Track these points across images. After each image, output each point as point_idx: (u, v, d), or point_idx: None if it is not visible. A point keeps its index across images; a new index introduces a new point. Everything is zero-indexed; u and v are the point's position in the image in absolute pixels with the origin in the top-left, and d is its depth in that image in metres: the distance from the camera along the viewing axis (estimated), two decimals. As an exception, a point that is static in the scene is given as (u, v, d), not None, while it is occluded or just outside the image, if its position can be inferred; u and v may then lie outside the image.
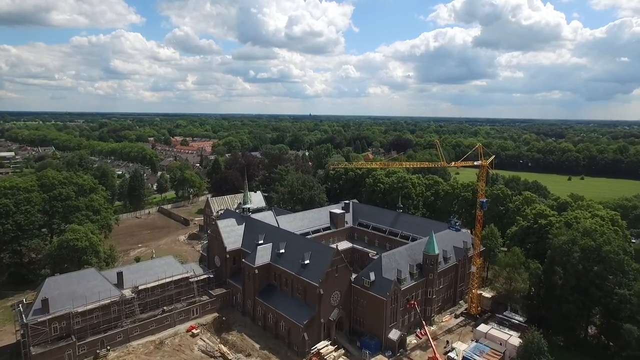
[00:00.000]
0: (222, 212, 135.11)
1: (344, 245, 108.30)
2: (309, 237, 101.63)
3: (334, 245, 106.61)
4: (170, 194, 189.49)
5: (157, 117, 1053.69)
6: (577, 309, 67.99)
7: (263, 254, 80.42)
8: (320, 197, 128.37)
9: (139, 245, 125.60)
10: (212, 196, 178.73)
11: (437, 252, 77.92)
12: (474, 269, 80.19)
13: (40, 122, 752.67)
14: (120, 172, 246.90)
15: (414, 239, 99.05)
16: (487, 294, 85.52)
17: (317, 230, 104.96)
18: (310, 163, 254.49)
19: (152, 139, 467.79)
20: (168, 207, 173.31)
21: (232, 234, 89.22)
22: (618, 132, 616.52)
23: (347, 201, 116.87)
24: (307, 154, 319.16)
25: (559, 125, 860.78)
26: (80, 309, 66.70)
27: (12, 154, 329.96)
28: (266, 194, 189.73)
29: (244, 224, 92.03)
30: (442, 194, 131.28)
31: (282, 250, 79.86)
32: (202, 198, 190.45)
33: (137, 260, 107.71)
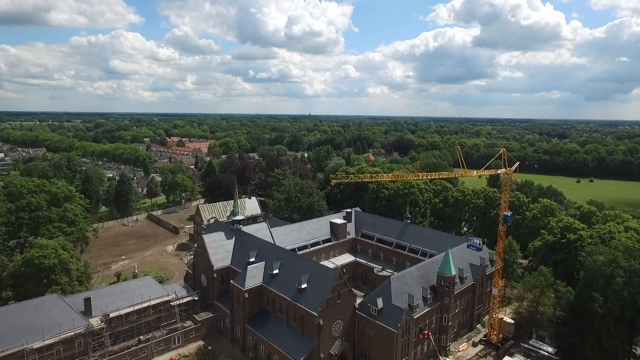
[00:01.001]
0: (213, 220, 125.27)
1: (345, 258, 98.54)
2: (307, 250, 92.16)
3: (335, 260, 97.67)
4: (161, 198, 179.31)
5: (155, 117, 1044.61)
6: (621, 343, 58.03)
7: (254, 275, 70.34)
8: (319, 205, 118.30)
9: (123, 257, 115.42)
10: (205, 201, 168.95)
11: (453, 273, 67.91)
12: (495, 291, 70.12)
13: (37, 122, 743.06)
14: (111, 175, 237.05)
15: (423, 254, 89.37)
16: (509, 318, 75.42)
17: (317, 243, 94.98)
18: (309, 165, 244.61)
19: (147, 139, 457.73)
20: (158, 213, 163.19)
21: (220, 249, 79.09)
22: (622, 132, 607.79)
23: (349, 210, 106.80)
24: (306, 155, 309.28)
25: (560, 125, 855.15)
26: (36, 345, 56.52)
27: (2, 155, 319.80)
28: (263, 198, 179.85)
29: (234, 238, 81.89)
30: (452, 200, 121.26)
31: (276, 271, 69.77)
32: (195, 203, 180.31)
33: (118, 276, 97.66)
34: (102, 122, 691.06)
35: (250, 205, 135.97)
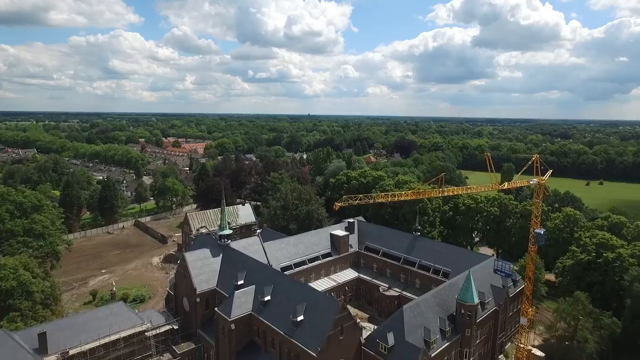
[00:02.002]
0: (204, 229, 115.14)
1: (348, 275, 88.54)
2: (305, 267, 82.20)
3: (336, 276, 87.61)
4: (151, 203, 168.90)
5: (153, 117, 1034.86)
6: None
7: (242, 302, 60.17)
8: (319, 213, 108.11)
9: (103, 270, 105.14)
10: (197, 207, 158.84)
11: (476, 300, 57.83)
12: (524, 321, 60.10)
13: (34, 122, 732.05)
14: (100, 177, 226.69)
15: (435, 271, 79.39)
16: (538, 351, 65.30)
17: (316, 258, 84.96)
18: (308, 167, 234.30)
19: (142, 140, 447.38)
20: (147, 219, 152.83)
21: (204, 269, 68.95)
22: (625, 132, 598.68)
23: (351, 220, 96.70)
24: (304, 156, 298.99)
25: (561, 125, 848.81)
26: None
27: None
28: (259, 203, 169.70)
29: (220, 255, 71.75)
30: (463, 208, 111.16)
31: (268, 297, 59.61)
32: (187, 208, 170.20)
33: (93, 295, 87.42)
34: (98, 122, 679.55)
35: (244, 213, 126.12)
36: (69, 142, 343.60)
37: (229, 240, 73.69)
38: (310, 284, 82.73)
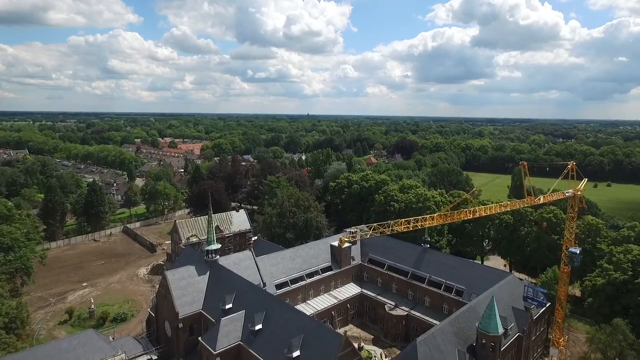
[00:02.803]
0: (194, 238, 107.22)
1: (350, 290, 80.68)
2: (303, 283, 74.36)
3: (337, 292, 79.73)
4: (142, 208, 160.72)
5: (152, 117, 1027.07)
6: None
7: (230, 331, 52.27)
8: (318, 221, 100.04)
9: (84, 284, 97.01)
10: (189, 212, 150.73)
11: (500, 330, 49.93)
12: (554, 352, 52.17)
13: (30, 122, 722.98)
14: (91, 180, 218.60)
15: (447, 288, 71.52)
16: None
17: (315, 273, 77.08)
18: (307, 169, 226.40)
19: (139, 140, 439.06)
20: (136, 225, 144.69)
21: (189, 290, 60.98)
22: (628, 132, 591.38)
23: (353, 229, 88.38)
24: (303, 157, 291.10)
25: (561, 125, 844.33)
26: None
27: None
28: (256, 207, 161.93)
29: (207, 273, 63.78)
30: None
31: (259, 326, 51.72)
32: (180, 213, 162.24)
33: (70, 313, 79.33)
34: (94, 122, 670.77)
35: (238, 220, 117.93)
36: (61, 142, 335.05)
37: (217, 256, 65.68)
38: (308, 301, 75.29)
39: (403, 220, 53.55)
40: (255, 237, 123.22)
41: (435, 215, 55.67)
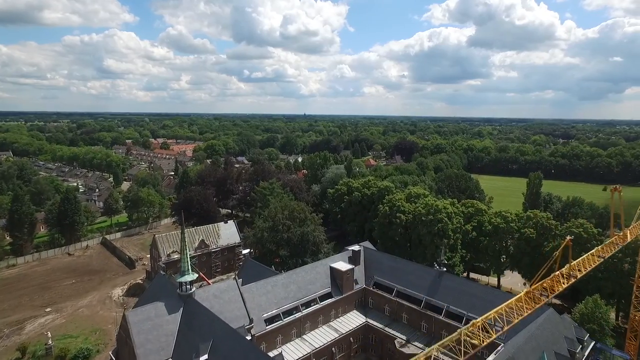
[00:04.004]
0: (175, 255, 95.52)
1: (353, 320, 69.18)
2: (298, 314, 62.74)
3: (338, 322, 68.19)
4: (125, 216, 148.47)
5: (146, 117, 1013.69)
6: None
7: (203, 395, 40.62)
8: (315, 236, 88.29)
9: (48, 309, 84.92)
10: (175, 222, 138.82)
11: (554, 396, 38.55)
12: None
13: (21, 123, 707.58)
14: (75, 184, 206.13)
15: (469, 321, 60.03)
16: None
17: (312, 302, 65.57)
18: (302, 173, 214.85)
19: (129, 141, 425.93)
20: (117, 236, 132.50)
21: (155, 333, 49.15)
22: (628, 132, 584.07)
23: (356, 247, 77.14)
24: (299, 159, 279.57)
25: (559, 125, 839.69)
26: None
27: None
28: (248, 215, 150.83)
29: (180, 310, 51.96)
30: (490, 228, 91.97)
31: (241, 390, 40.09)
32: (166, 221, 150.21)
33: (22, 351, 67.31)
34: (85, 122, 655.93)
35: (227, 232, 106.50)
36: (47, 144, 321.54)
37: (193, 288, 53.81)
38: (304, 336, 63.71)
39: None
40: (247, 251, 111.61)
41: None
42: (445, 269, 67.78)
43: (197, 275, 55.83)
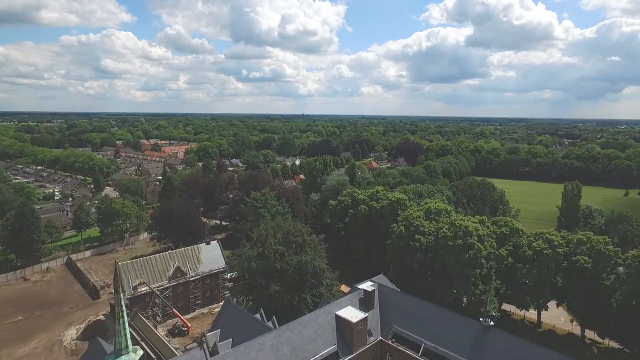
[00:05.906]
0: (143, 287, 77.93)
1: (366, 388, 51.61)
2: (292, 390, 45.07)
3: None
4: (96, 230, 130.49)
5: (142, 117, 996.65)
6: None
7: None
8: (316, 265, 70.53)
9: (-23, 360, 67.24)
10: (153, 239, 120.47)
11: None
12: None
13: (15, 123, 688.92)
14: (51, 191, 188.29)
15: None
16: None
17: (312, 367, 48.02)
18: (299, 177, 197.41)
19: (120, 142, 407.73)
20: (86, 255, 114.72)
21: None
22: (633, 132, 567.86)
23: (369, 285, 59.62)
24: (297, 162, 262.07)
25: (561, 125, 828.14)
26: None
27: None
28: (238, 228, 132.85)
29: (112, 412, 34.40)
30: (529, 254, 74.60)
31: None
32: (145, 236, 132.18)
33: None
34: (76, 122, 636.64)
35: (209, 255, 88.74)
36: (29, 145, 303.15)
37: (137, 373, 36.28)
38: (302, 418, 46.33)
39: None
40: (233, 275, 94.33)
41: None
42: (492, 323, 50.21)
43: (142, 352, 38.14)
